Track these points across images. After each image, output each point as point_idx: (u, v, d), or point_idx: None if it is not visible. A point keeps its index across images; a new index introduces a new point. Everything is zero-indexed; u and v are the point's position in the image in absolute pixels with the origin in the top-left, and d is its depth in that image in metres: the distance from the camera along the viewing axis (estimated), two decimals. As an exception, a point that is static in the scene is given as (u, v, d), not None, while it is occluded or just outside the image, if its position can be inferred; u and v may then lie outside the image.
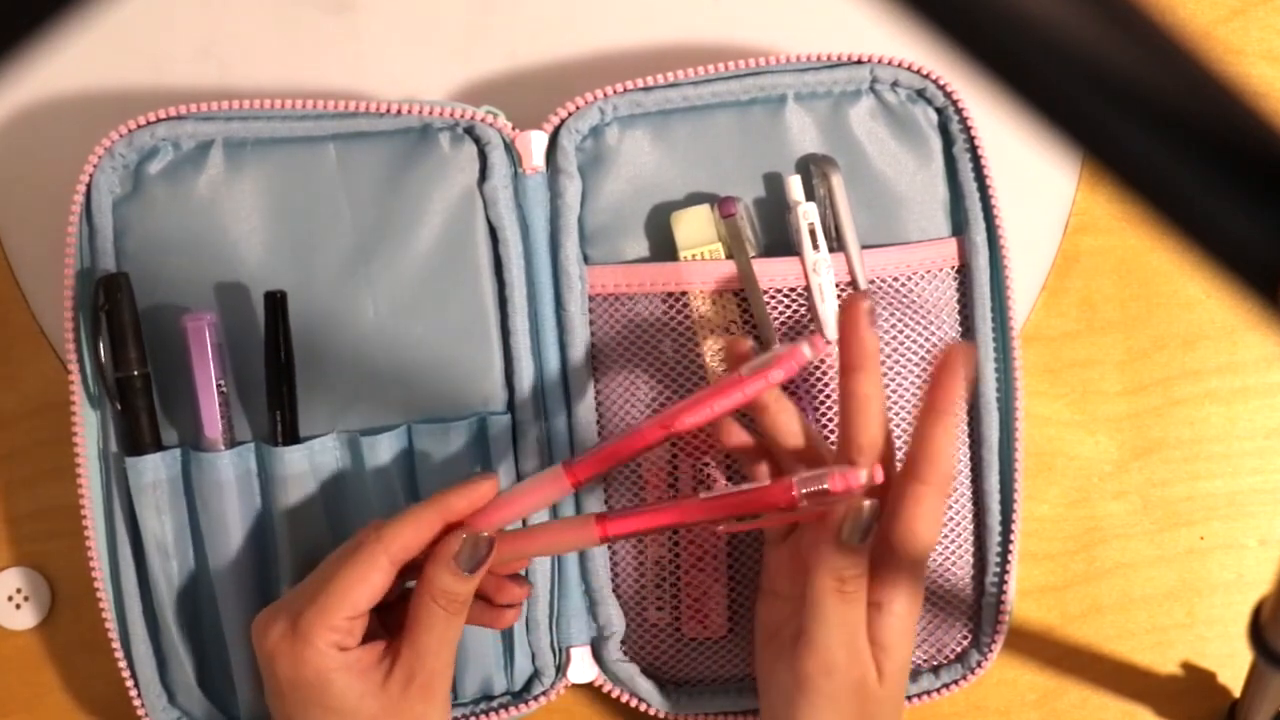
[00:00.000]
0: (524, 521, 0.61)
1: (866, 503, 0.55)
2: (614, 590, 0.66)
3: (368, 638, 0.57)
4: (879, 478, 0.55)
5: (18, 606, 0.68)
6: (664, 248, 0.65)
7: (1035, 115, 0.29)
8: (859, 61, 0.65)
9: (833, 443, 0.63)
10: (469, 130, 0.65)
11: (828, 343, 0.61)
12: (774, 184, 0.65)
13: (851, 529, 0.54)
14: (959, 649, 0.67)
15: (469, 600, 0.57)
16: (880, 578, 0.56)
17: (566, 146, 0.65)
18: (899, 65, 0.65)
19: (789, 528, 0.60)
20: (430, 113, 0.64)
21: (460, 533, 0.57)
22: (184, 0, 0.69)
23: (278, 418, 0.63)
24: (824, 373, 0.64)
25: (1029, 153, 0.67)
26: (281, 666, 0.56)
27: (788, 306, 0.64)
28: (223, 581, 0.63)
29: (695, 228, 0.64)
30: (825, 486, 0.55)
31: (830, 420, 0.64)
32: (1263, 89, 0.29)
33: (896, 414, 0.65)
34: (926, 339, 0.65)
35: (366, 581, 0.55)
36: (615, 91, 0.64)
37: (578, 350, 0.65)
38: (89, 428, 0.63)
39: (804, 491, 0.55)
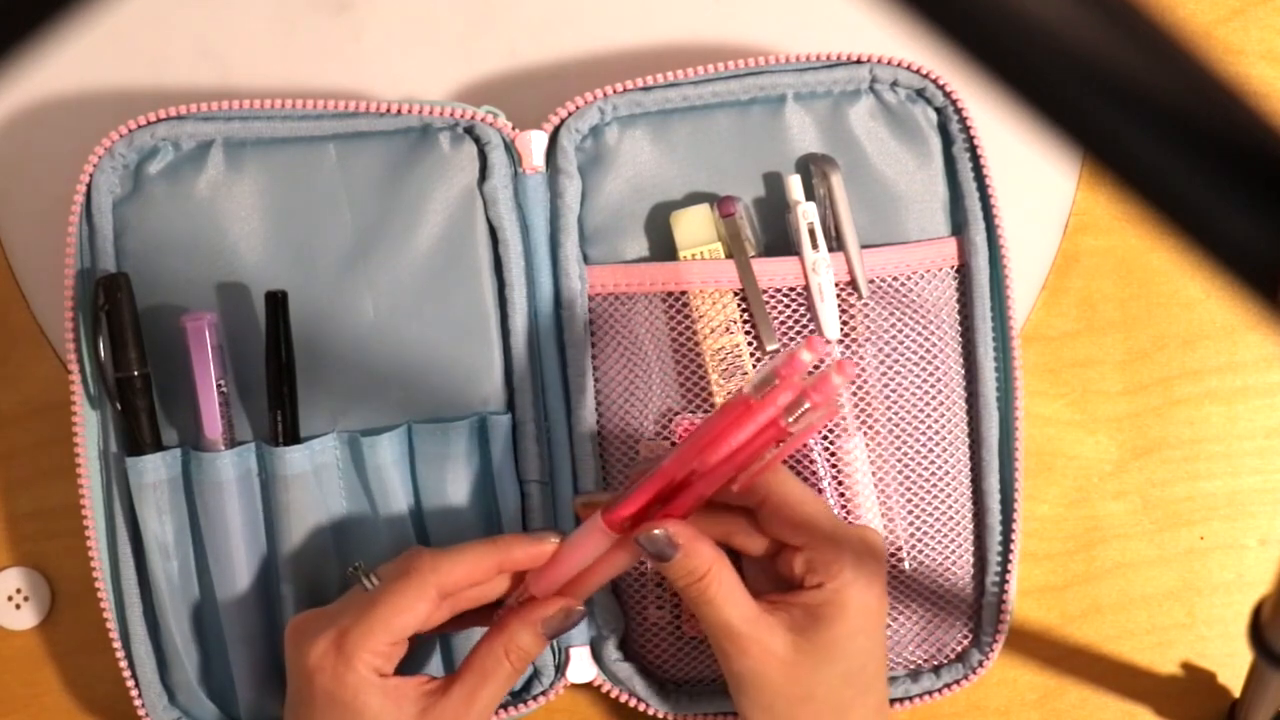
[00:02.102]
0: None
1: (657, 532, 0.55)
2: (613, 590, 0.66)
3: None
4: (842, 371, 0.52)
5: (18, 606, 0.68)
6: (664, 247, 0.65)
7: (1035, 115, 0.29)
8: (858, 61, 0.65)
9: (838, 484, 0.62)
10: (469, 130, 0.65)
11: (827, 342, 0.60)
12: (774, 184, 0.65)
13: (648, 546, 0.56)
14: (959, 649, 0.67)
15: (531, 662, 0.59)
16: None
17: (566, 146, 0.65)
18: (898, 65, 0.65)
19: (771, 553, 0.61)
20: (430, 113, 0.64)
21: (556, 600, 0.57)
22: (184, 0, 0.69)
23: (278, 417, 0.63)
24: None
25: (1029, 153, 0.67)
26: (321, 681, 0.56)
27: (787, 306, 0.64)
28: (223, 581, 0.63)
29: (695, 227, 0.64)
30: (776, 381, 0.53)
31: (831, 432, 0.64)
32: (1263, 89, 0.29)
33: (897, 412, 0.65)
34: (926, 339, 0.65)
35: (413, 610, 0.56)
36: (615, 91, 0.64)
37: (577, 350, 0.65)
38: (89, 428, 0.63)
39: (758, 384, 0.53)
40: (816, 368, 0.57)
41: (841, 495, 0.64)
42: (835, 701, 0.57)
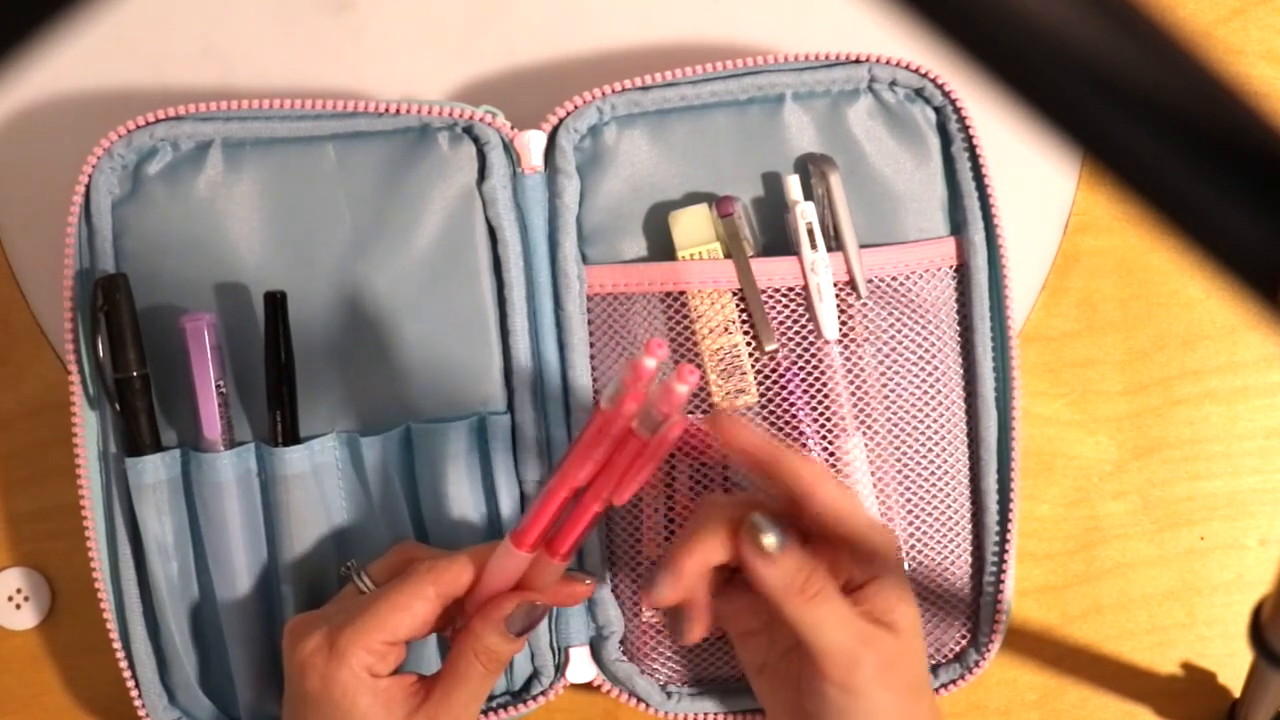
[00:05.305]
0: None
1: (757, 517, 0.53)
2: (613, 590, 0.66)
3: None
4: (683, 378, 0.51)
5: (18, 606, 0.68)
6: (662, 247, 0.65)
7: (1035, 115, 0.29)
8: (857, 61, 0.65)
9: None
10: (468, 130, 0.65)
11: (660, 346, 0.52)
12: (772, 183, 0.65)
13: (769, 543, 0.53)
14: (957, 649, 0.67)
15: (508, 661, 0.57)
16: (843, 563, 0.55)
17: (565, 146, 0.65)
18: (897, 65, 0.65)
19: (723, 578, 0.59)
20: (429, 112, 0.64)
21: (515, 595, 0.56)
22: (184, 0, 0.69)
23: (278, 418, 0.63)
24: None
25: (1029, 153, 0.67)
26: (311, 680, 0.55)
27: (786, 306, 0.64)
28: (223, 582, 0.63)
29: (693, 227, 0.64)
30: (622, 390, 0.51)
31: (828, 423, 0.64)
32: (1263, 89, 0.29)
33: (895, 412, 0.65)
34: (925, 339, 0.65)
35: (409, 609, 0.55)
36: (613, 91, 0.64)
37: (576, 350, 0.65)
38: (89, 428, 0.63)
39: (611, 395, 0.52)
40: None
41: (841, 495, 0.64)
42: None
